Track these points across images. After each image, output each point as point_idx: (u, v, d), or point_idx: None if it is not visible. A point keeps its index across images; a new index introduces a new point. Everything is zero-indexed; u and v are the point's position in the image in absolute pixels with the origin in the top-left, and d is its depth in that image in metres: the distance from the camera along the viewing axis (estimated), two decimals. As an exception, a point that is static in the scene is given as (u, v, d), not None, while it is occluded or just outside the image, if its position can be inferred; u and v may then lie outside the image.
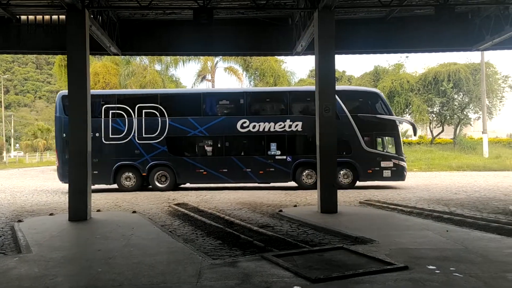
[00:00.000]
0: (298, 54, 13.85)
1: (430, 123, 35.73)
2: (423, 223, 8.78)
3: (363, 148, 16.36)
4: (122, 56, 24.11)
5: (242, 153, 16.66)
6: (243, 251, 6.70)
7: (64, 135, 15.80)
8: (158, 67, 34.67)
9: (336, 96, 14.05)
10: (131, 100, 15.96)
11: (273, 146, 16.44)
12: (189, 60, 32.81)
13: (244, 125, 16.38)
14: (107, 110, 16.40)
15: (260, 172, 16.41)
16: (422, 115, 33.48)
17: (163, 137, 16.32)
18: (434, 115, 35.12)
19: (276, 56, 28.98)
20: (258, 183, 16.88)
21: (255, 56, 27.09)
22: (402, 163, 16.48)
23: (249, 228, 8.57)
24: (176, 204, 12.29)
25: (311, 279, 5.04)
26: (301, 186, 16.50)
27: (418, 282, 4.93)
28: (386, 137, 16.85)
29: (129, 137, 16.24)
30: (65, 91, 16.23)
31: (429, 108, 34.44)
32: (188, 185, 17.77)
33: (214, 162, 16.44)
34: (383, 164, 16.32)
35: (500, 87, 33.81)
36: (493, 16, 12.88)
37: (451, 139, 35.28)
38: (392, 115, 17.51)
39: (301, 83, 40.23)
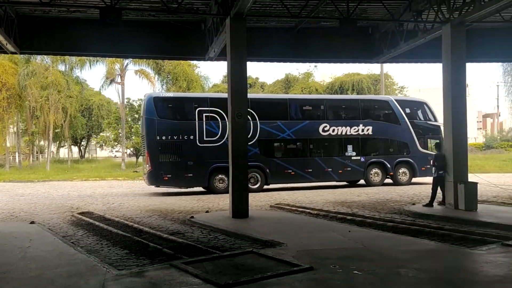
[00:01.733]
0: (211, 59, 13.88)
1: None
2: (328, 224, 9.24)
3: (418, 149, 18.72)
4: (22, 55, 22.28)
5: (324, 155, 18.04)
6: (152, 260, 6.51)
7: (158, 137, 16.03)
8: (62, 67, 32.62)
9: (397, 105, 18.33)
10: (224, 103, 14.14)
11: (350, 148, 18.17)
12: (97, 61, 31.30)
13: (325, 129, 17.84)
14: (200, 113, 16.54)
15: (339, 171, 18.04)
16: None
17: (255, 139, 16.80)
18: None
19: (189, 61, 28.77)
20: (337, 181, 18.61)
21: (167, 59, 26.62)
22: None
23: (159, 236, 8.37)
24: (80, 213, 11.59)
25: (220, 285, 5.04)
26: (369, 184, 18.49)
27: (322, 282, 5.16)
28: (433, 140, 18.83)
29: (223, 140, 15.92)
30: (156, 93, 17.55)
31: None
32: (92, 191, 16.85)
33: (301, 163, 17.57)
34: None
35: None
36: (390, 32, 14.00)
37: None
38: (437, 121, 19.17)
39: (214, 88, 40.32)
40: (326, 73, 49.80)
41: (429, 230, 8.53)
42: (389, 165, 18.57)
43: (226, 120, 15.55)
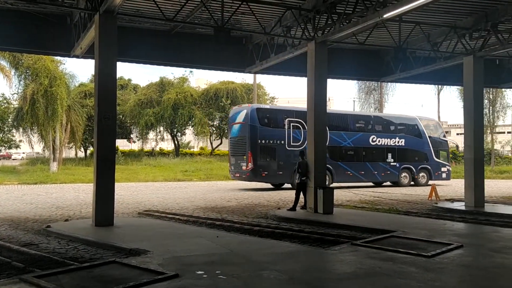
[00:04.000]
0: (77, 56, 12.98)
1: (210, 136, 38.21)
2: (197, 230, 9.24)
3: (434, 158, 24.00)
4: None
5: (372, 160, 22.52)
6: (-4, 276, 5.78)
7: (259, 141, 19.92)
8: None
9: (421, 123, 24.39)
10: (304, 115, 15.56)
11: (389, 155, 22.98)
12: None
13: (373, 139, 22.64)
14: (288, 122, 20.46)
15: (382, 174, 22.82)
16: (204, 128, 35.53)
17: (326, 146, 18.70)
18: (214, 128, 37.71)
19: (52, 56, 26.34)
20: (380, 182, 23.21)
21: (25, 53, 23.98)
22: (450, 168, 24.97)
23: (8, 248, 7.50)
24: None
25: (76, 299, 4.67)
26: (399, 185, 22.96)
27: (187, 289, 5.13)
28: (442, 151, 24.59)
29: (304, 145, 17.77)
30: (258, 105, 23.22)
31: (210, 122, 36.81)
32: None
33: (356, 166, 21.86)
34: (442, 169, 24.31)
35: (268, 106, 38.72)
36: (262, 44, 14.65)
37: (228, 150, 38.41)
38: (445, 137, 25.86)
39: (82, 88, 37.76)
40: (202, 78, 50.21)
41: (291, 233, 9.08)
42: (414, 170, 23.69)
43: (306, 129, 17.32)
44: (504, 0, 11.53)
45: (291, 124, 20.51)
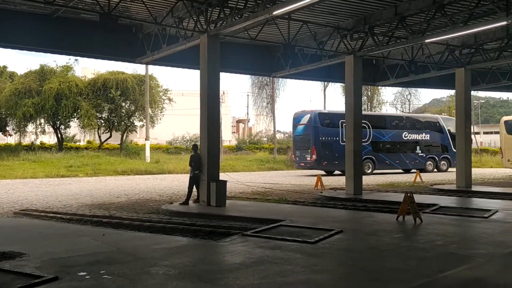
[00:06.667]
0: None
1: (98, 129, 36.11)
2: (81, 229, 8.69)
3: (453, 149, 26.74)
4: None
5: (405, 152, 28.29)
6: None
7: (321, 138, 25.99)
8: None
9: (442, 121, 30.48)
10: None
11: (418, 148, 28.81)
12: None
13: (405, 135, 28.47)
14: (341, 123, 24.16)
15: (412, 162, 28.39)
16: (91, 120, 33.38)
17: (369, 141, 26.67)
18: (102, 121, 35.70)
19: None
20: (410, 169, 28.03)
21: None
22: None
23: None
24: None
25: None
26: (425, 171, 27.72)
27: (67, 292, 4.79)
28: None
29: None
30: (319, 110, 28.58)
31: (97, 114, 34.72)
32: None
33: (393, 157, 27.38)
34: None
35: (161, 98, 37.65)
36: (154, 34, 14.20)
37: (118, 144, 36.72)
38: None
39: None
40: (89, 68, 47.17)
41: (183, 227, 9.00)
42: (437, 159, 29.52)
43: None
44: (379, 5, 12.63)
45: (343, 124, 24.18)
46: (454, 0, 11.50)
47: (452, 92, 34.62)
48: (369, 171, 26.85)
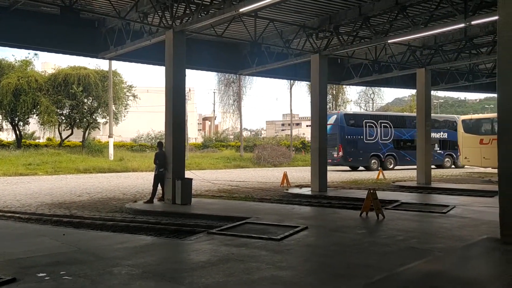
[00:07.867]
0: None
1: (59, 125, 34.97)
2: (40, 229, 8.40)
3: None
4: None
5: None
6: None
7: (346, 137, 28.48)
8: None
9: (457, 120, 28.34)
10: (376, 117, 30.71)
11: (436, 145, 30.32)
12: None
13: None
14: (365, 123, 29.28)
15: (431, 159, 26.35)
16: (51, 117, 32.30)
17: (391, 139, 29.72)
18: (63, 118, 34.62)
19: None
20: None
21: None
22: None
23: None
24: None
25: None
26: (443, 167, 30.57)
27: (24, 294, 4.61)
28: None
29: (376, 139, 29.10)
30: (345, 111, 34.78)
31: (58, 110, 33.64)
32: None
33: (413, 153, 24.44)
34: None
35: (126, 95, 36.84)
36: (117, 29, 13.87)
37: (80, 142, 35.69)
38: None
39: None
40: (49, 63, 45.62)
41: (147, 226, 8.85)
42: (454, 156, 30.62)
43: (377, 127, 29.29)
44: (344, 5, 12.83)
45: (367, 124, 29.15)
46: (415, 2, 11.83)
47: (413, 91, 35.60)
48: (391, 167, 29.52)
